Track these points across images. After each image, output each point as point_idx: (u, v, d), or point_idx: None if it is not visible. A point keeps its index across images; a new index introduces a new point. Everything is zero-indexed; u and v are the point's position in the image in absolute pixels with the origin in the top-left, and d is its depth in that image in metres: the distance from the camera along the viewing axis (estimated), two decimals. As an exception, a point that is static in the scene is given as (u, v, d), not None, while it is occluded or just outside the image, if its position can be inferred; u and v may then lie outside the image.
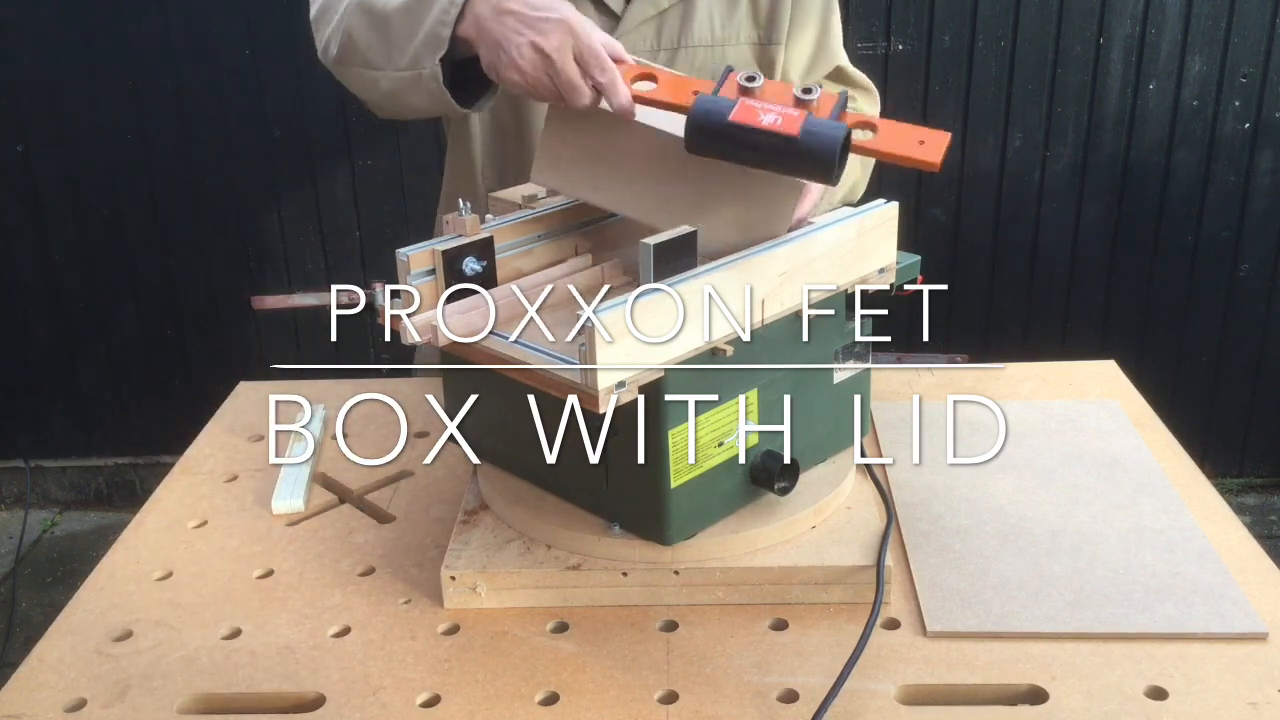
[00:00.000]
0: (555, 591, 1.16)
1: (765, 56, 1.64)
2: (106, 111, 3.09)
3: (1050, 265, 3.15)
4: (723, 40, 1.61)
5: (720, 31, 1.60)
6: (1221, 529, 1.25)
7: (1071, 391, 1.57)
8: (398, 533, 1.31)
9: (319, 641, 1.13)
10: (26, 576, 3.24)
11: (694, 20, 1.58)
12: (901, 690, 1.03)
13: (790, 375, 1.17)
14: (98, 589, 1.23)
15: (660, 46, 1.59)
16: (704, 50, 1.59)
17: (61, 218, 3.16)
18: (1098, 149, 3.02)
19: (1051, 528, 1.25)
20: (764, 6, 1.62)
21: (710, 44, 1.60)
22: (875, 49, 2.96)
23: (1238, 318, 3.18)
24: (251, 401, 1.62)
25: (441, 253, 1.15)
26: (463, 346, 1.13)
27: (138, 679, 1.09)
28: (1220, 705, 1.00)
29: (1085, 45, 2.93)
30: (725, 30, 1.61)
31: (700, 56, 1.60)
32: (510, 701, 1.03)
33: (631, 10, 1.56)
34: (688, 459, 1.10)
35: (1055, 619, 1.10)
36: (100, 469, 3.50)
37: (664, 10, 1.57)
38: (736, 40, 1.62)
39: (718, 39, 1.60)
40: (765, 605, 1.14)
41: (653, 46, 1.59)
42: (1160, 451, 1.41)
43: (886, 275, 1.22)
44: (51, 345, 3.35)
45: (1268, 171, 3.03)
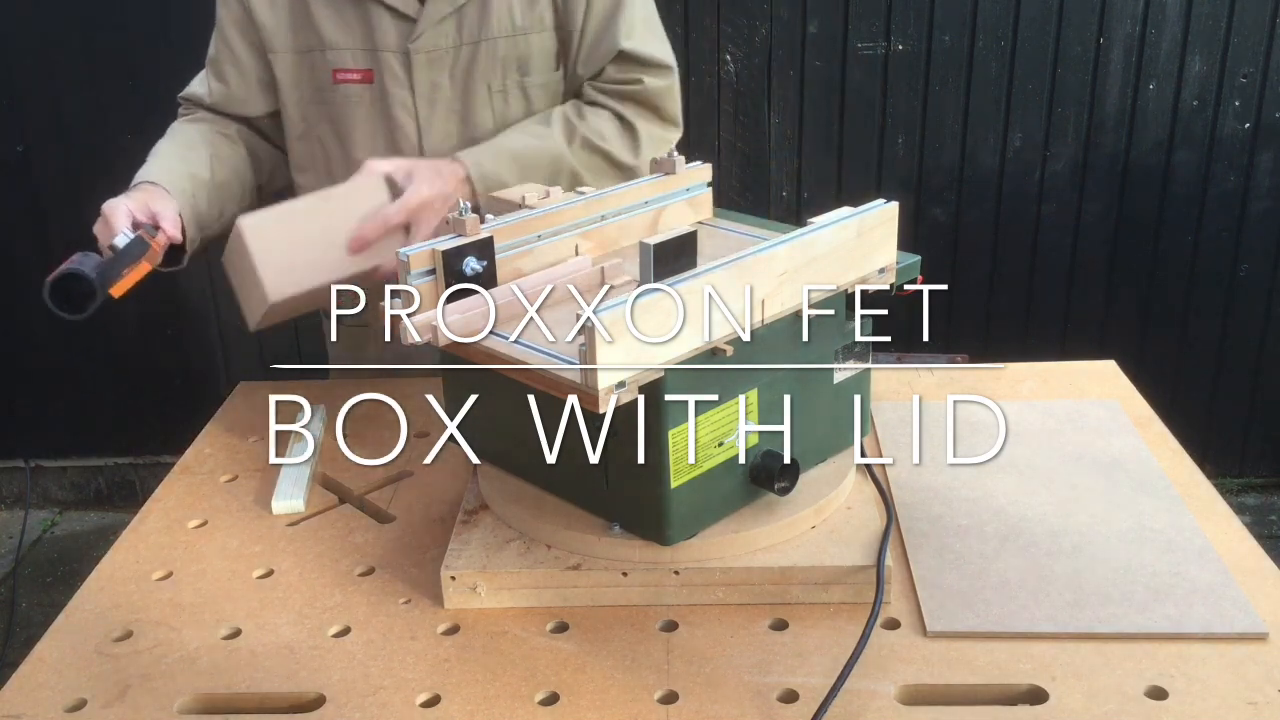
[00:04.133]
0: (555, 591, 1.16)
1: (566, 42, 1.64)
2: (107, 112, 3.09)
3: (1050, 265, 3.15)
4: (525, 29, 1.61)
5: (521, 20, 1.60)
6: (1221, 529, 1.25)
7: (1071, 391, 1.57)
8: (398, 533, 1.31)
9: (319, 641, 1.13)
10: (26, 576, 3.24)
11: (492, 12, 1.58)
12: (901, 690, 1.03)
13: (790, 375, 1.17)
14: (98, 589, 1.23)
15: (462, 41, 1.59)
16: (505, 41, 1.60)
17: (61, 218, 3.16)
18: (1098, 149, 3.02)
19: (1051, 528, 1.25)
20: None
21: (512, 34, 1.60)
22: (875, 49, 2.96)
23: (1238, 318, 3.18)
24: (251, 401, 1.62)
25: (441, 253, 1.15)
26: (463, 346, 1.13)
27: (138, 679, 1.09)
28: (1220, 705, 1.00)
29: (1085, 45, 2.93)
30: (526, 19, 1.60)
31: (503, 47, 1.60)
32: (510, 701, 1.03)
33: (427, 10, 1.56)
34: (688, 459, 1.10)
35: (1055, 619, 1.10)
36: (100, 469, 3.50)
37: (461, 6, 1.57)
38: (540, 27, 1.62)
39: (519, 28, 1.60)
40: (765, 605, 1.14)
41: (454, 42, 1.59)
42: (1160, 451, 1.41)
43: (886, 275, 1.22)
44: (51, 345, 3.35)
45: (1268, 171, 3.03)
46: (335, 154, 1.67)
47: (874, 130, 3.03)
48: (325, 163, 1.68)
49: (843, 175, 3.09)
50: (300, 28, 1.60)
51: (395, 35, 1.58)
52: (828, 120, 3.03)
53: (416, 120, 1.62)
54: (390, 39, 1.58)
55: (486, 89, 1.61)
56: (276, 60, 1.62)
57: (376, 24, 1.58)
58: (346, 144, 1.65)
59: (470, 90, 1.62)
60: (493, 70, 1.61)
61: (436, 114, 1.62)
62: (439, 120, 1.62)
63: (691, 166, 1.41)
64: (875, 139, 3.04)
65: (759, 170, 3.06)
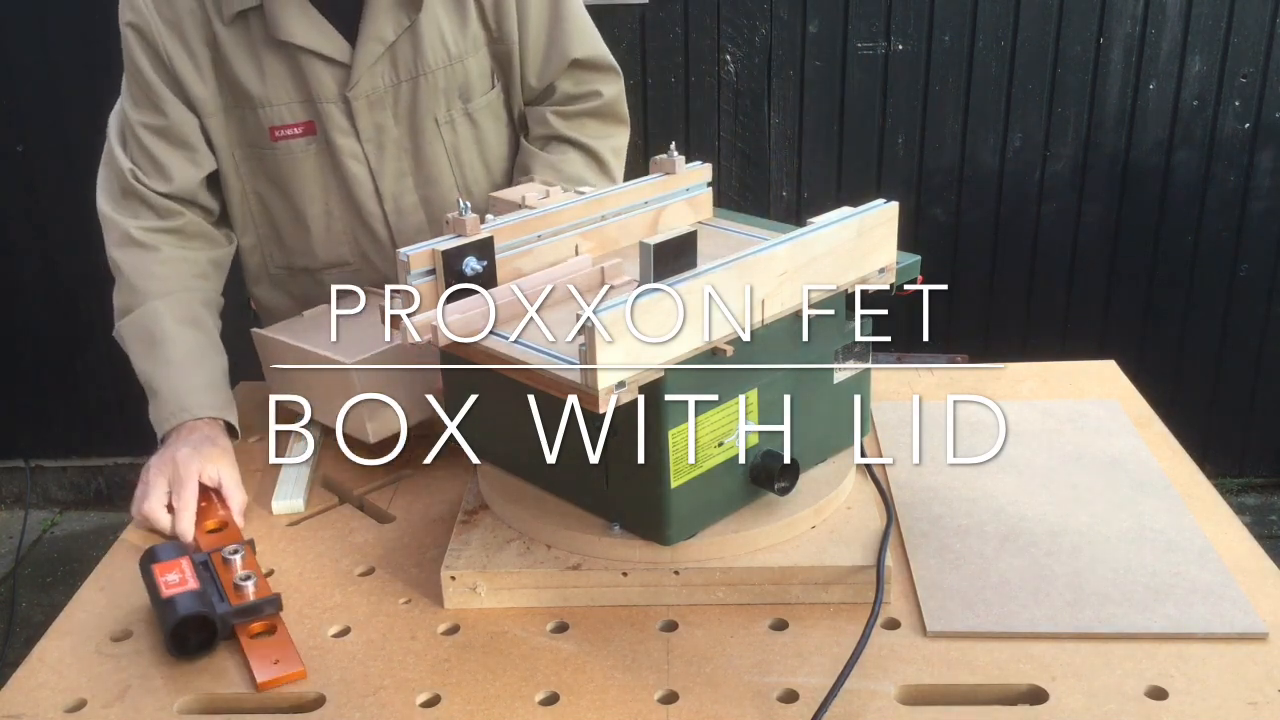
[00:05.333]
0: (555, 591, 1.16)
1: (503, 57, 1.61)
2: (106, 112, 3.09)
3: (1050, 265, 3.15)
4: (460, 55, 1.57)
5: (455, 48, 1.56)
6: (1221, 529, 1.25)
7: (1071, 391, 1.57)
8: (398, 533, 1.31)
9: (319, 641, 1.13)
10: (26, 576, 3.24)
11: (424, 44, 1.54)
12: (901, 690, 1.03)
13: (790, 375, 1.17)
14: (98, 589, 1.23)
15: (400, 79, 1.55)
16: (443, 71, 1.56)
17: (61, 218, 3.16)
18: (1098, 149, 3.02)
19: (1051, 528, 1.25)
20: (489, 7, 1.57)
21: (449, 62, 1.56)
22: (875, 49, 2.96)
23: (1238, 318, 3.18)
24: (251, 401, 1.62)
25: (441, 253, 1.15)
26: (463, 346, 1.13)
27: (138, 679, 1.09)
28: (1220, 705, 1.00)
29: (1085, 45, 2.93)
30: (459, 45, 1.57)
31: (442, 78, 1.57)
32: (510, 701, 1.03)
33: (359, 54, 1.51)
34: (688, 459, 1.10)
35: (1055, 619, 1.10)
36: (100, 469, 3.50)
37: (392, 44, 1.52)
38: (475, 49, 1.59)
39: (454, 55, 1.57)
40: (765, 605, 1.14)
41: (392, 81, 1.55)
42: (1160, 451, 1.41)
43: (886, 275, 1.22)
44: (51, 345, 3.34)
45: (1268, 171, 3.03)
46: (280, 211, 1.62)
47: (874, 130, 3.03)
48: (268, 221, 1.63)
49: (843, 175, 3.08)
50: (226, 86, 1.53)
51: (332, 83, 1.52)
52: (828, 120, 3.03)
53: (368, 165, 1.58)
54: (327, 88, 1.52)
55: (434, 122, 1.58)
56: (208, 122, 1.55)
57: (310, 74, 1.52)
58: (295, 199, 1.60)
59: (417, 126, 1.58)
60: (435, 102, 1.58)
61: (386, 155, 1.59)
62: (390, 161, 1.59)
63: (691, 166, 1.41)
64: (875, 139, 3.04)
65: (759, 170, 3.06)
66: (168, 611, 1.10)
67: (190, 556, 1.17)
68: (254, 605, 1.13)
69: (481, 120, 1.64)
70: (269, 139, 1.56)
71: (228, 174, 1.60)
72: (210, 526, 1.30)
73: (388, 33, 1.51)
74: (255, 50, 1.50)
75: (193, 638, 1.10)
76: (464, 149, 1.63)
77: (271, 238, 1.66)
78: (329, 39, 1.50)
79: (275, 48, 1.50)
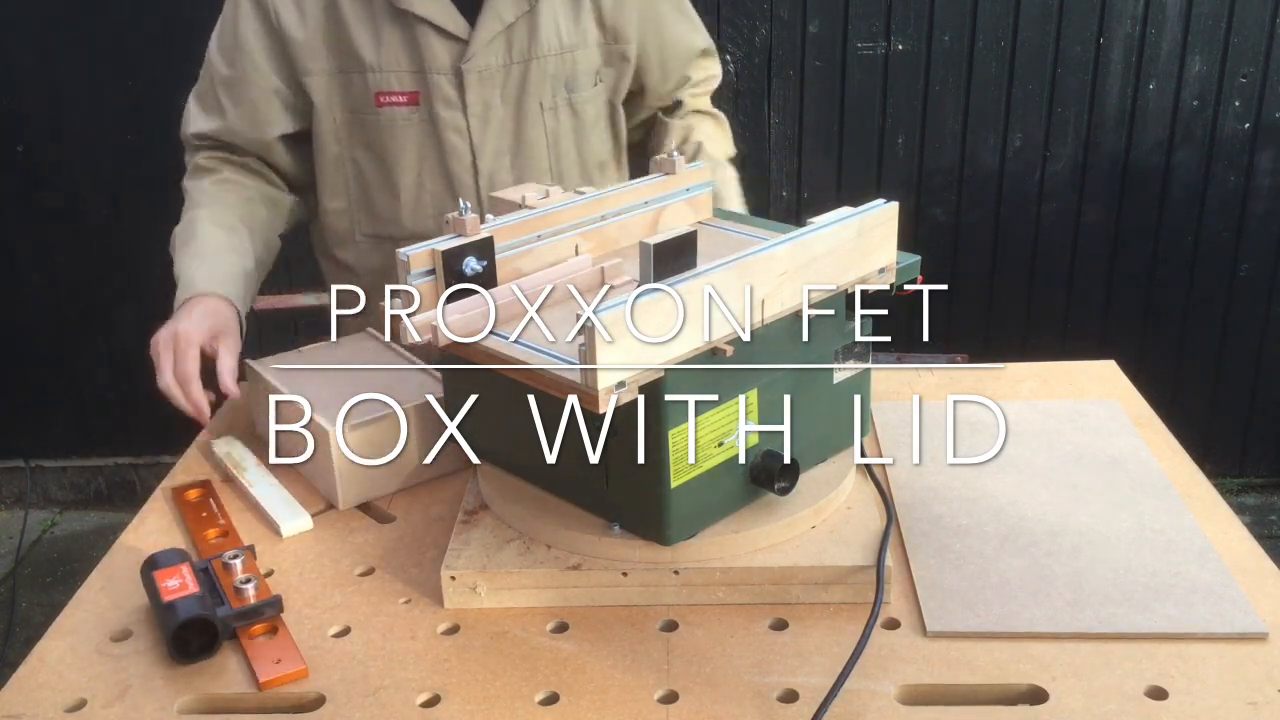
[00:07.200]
0: (555, 591, 1.15)
1: (615, 57, 1.67)
2: (106, 111, 3.09)
3: (1050, 265, 3.15)
4: (571, 46, 1.62)
5: (568, 38, 1.62)
6: (1221, 529, 1.25)
7: (1071, 391, 1.57)
8: (398, 533, 1.31)
9: (319, 641, 1.13)
10: (26, 576, 3.24)
11: (540, 30, 1.59)
12: (901, 690, 1.03)
13: (790, 375, 1.17)
14: (98, 589, 1.23)
15: (512, 60, 1.60)
16: (554, 59, 1.61)
17: (61, 218, 3.16)
18: (1098, 149, 3.03)
19: (1051, 528, 1.25)
20: (607, 9, 1.63)
21: (560, 51, 1.61)
22: (875, 49, 2.96)
23: (1238, 318, 3.18)
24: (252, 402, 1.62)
25: (441, 253, 1.15)
26: (463, 346, 1.13)
27: (138, 679, 1.09)
28: (1220, 705, 1.00)
29: (1085, 45, 2.93)
30: (572, 36, 1.62)
31: (552, 65, 1.62)
32: (510, 701, 1.03)
33: (477, 32, 1.57)
34: (688, 459, 1.10)
35: (1055, 619, 1.10)
36: (100, 469, 3.50)
37: (510, 25, 1.58)
38: (585, 44, 1.64)
39: (566, 45, 1.62)
40: (765, 605, 1.14)
41: (505, 61, 1.60)
42: (1160, 451, 1.41)
43: (886, 275, 1.22)
44: (51, 345, 3.35)
45: (1268, 171, 3.03)
46: (374, 178, 1.65)
47: (874, 130, 3.03)
48: (361, 187, 1.66)
49: (843, 175, 3.09)
50: (336, 48, 1.58)
51: (445, 56, 1.57)
52: (828, 120, 3.03)
53: (470, 141, 1.62)
54: (440, 60, 1.58)
55: (538, 106, 1.63)
56: (310, 82, 1.60)
57: (424, 45, 1.57)
58: (390, 167, 1.64)
59: (523, 108, 1.63)
60: (543, 87, 1.63)
61: (489, 132, 1.63)
62: (491, 138, 1.63)
63: (691, 167, 1.41)
64: (875, 139, 3.04)
65: (759, 170, 3.06)
66: (169, 616, 1.10)
67: (191, 562, 1.17)
68: (255, 608, 1.13)
69: (584, 113, 1.68)
70: (373, 104, 1.60)
71: (325, 136, 1.64)
72: (212, 536, 1.31)
73: (508, 14, 1.57)
74: (374, 16, 1.56)
75: (194, 641, 1.10)
76: (563, 137, 1.68)
77: (362, 204, 1.69)
78: (448, 13, 1.56)
79: (394, 16, 1.56)
